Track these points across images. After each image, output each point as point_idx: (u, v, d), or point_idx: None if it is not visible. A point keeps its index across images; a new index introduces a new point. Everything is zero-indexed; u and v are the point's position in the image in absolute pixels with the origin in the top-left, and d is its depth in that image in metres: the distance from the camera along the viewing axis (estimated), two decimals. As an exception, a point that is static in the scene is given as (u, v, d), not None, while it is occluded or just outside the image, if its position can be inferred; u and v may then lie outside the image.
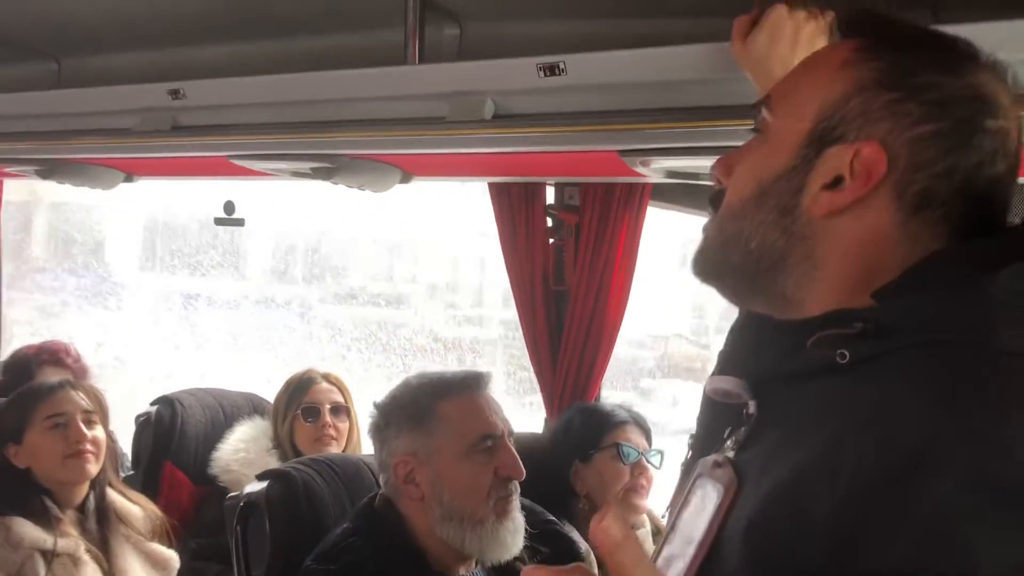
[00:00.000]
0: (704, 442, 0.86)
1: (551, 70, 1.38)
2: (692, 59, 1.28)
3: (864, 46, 0.78)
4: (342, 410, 2.40)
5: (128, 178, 2.45)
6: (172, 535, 2.15)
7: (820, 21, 1.16)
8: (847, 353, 0.70)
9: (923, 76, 0.75)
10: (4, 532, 1.86)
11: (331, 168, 1.85)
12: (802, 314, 0.77)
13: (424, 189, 2.47)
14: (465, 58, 1.76)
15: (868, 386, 0.69)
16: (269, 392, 2.55)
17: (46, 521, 1.92)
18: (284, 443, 2.37)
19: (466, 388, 1.61)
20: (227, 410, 2.54)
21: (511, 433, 1.63)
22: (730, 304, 0.88)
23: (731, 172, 0.85)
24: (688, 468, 0.86)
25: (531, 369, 2.36)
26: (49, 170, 2.28)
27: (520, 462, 1.57)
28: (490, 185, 2.28)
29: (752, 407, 0.78)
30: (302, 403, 2.38)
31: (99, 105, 1.94)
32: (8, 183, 3.29)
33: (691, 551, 0.76)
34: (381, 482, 1.61)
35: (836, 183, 0.75)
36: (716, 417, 0.85)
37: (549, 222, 2.27)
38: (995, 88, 0.76)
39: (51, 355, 2.71)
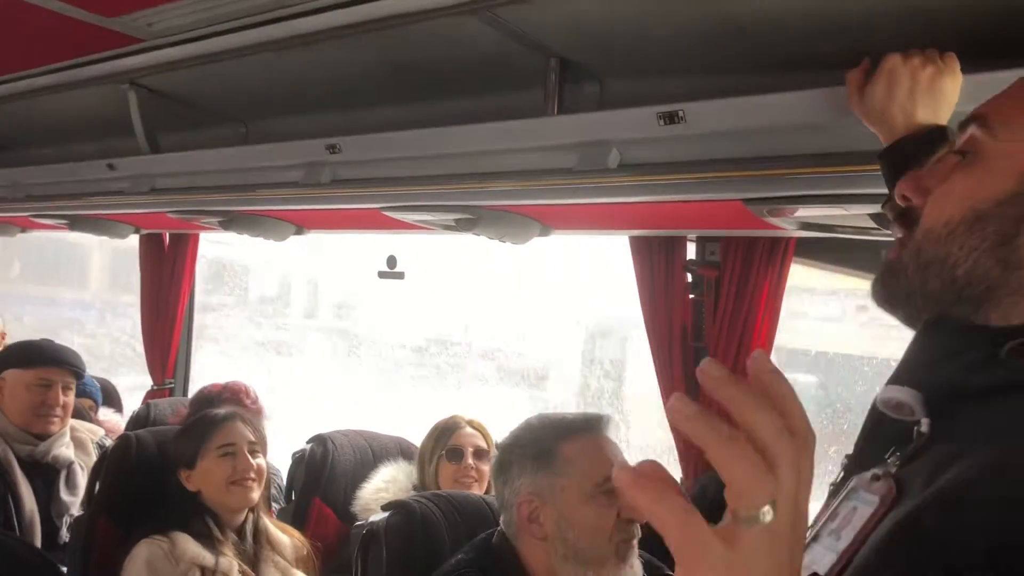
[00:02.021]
0: (860, 460, 0.80)
1: (670, 118, 1.42)
2: (808, 104, 1.28)
3: None
4: (484, 454, 2.48)
5: (299, 230, 2.67)
6: (316, 566, 2.27)
7: (939, 64, 1.14)
8: None
9: None
10: (170, 546, 2.04)
11: (472, 219, 1.95)
12: None
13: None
14: (604, 115, 1.83)
15: None
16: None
17: (208, 540, 2.08)
18: (430, 484, 2.47)
19: (588, 429, 1.63)
20: (376, 451, 2.67)
21: None
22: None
23: (926, 193, 0.79)
24: (837, 488, 0.81)
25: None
26: (229, 221, 2.52)
27: None
28: (631, 239, 2.31)
29: (925, 426, 0.72)
30: (447, 446, 2.47)
31: (265, 160, 2.14)
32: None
33: (831, 559, 0.71)
34: (502, 521, 1.65)
35: None
36: (878, 436, 0.79)
37: (689, 277, 2.27)
38: None
39: (233, 394, 2.94)
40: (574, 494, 1.56)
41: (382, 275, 2.97)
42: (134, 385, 3.95)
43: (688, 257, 2.28)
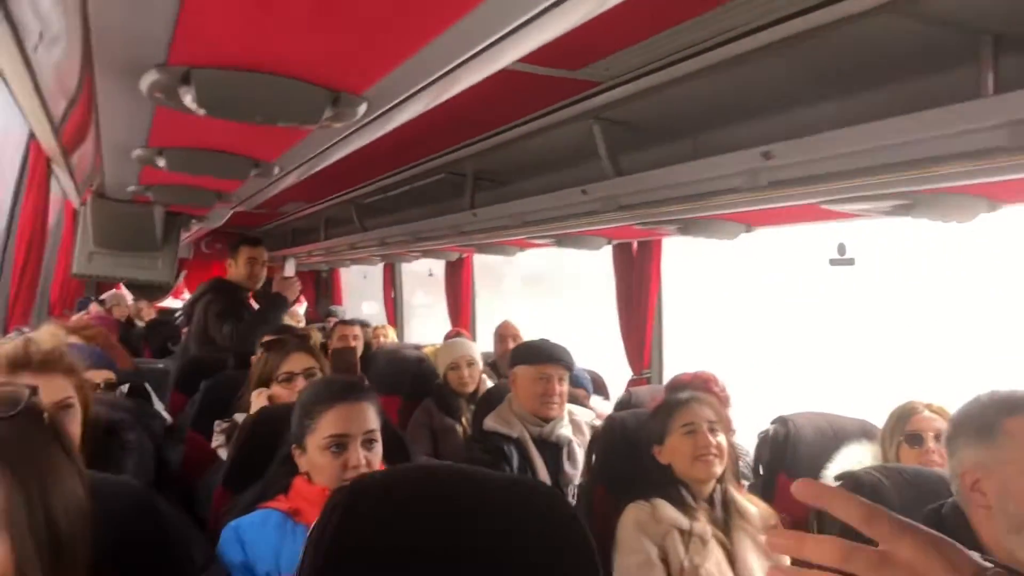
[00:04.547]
0: None
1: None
2: None
3: None
4: None
5: (748, 228, 2.88)
6: (784, 537, 2.46)
7: None
8: None
9: None
10: (652, 510, 2.39)
11: (907, 204, 2.00)
12: None
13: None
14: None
15: None
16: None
17: (683, 506, 2.40)
18: None
19: None
20: (836, 433, 2.77)
21: None
22: None
23: None
24: None
25: None
26: (686, 227, 2.83)
27: None
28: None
29: None
30: (905, 431, 2.50)
31: (710, 171, 2.39)
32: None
33: None
34: (952, 490, 1.70)
35: None
36: None
37: None
38: None
39: (703, 382, 3.25)
40: (1015, 468, 1.56)
41: (833, 263, 3.05)
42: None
43: None
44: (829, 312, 4.54)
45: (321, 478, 1.94)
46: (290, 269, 7.56)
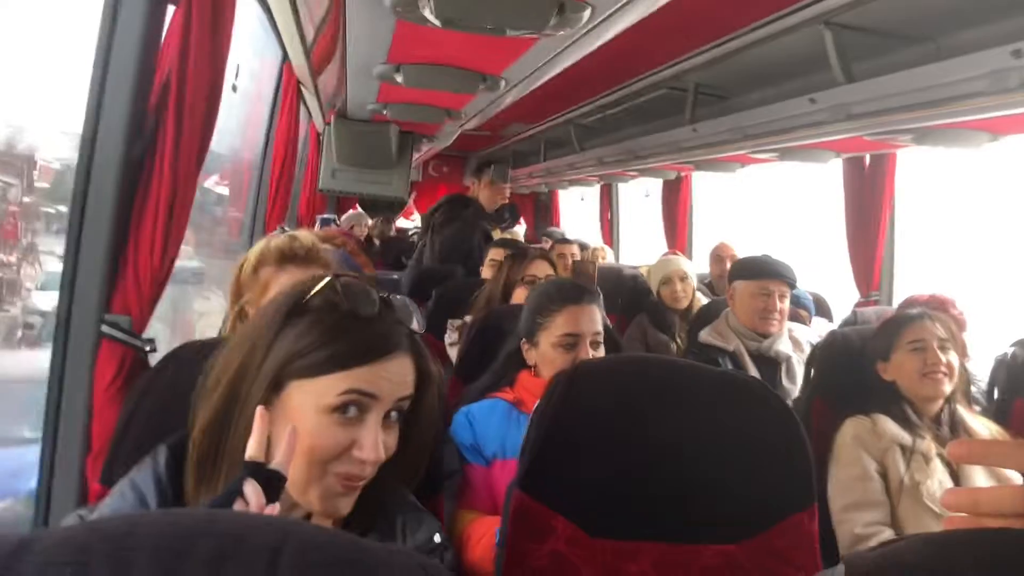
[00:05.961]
0: None
1: None
2: None
3: None
4: None
5: (992, 137, 2.67)
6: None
7: None
8: None
9: None
10: (871, 424, 2.35)
11: None
12: None
13: None
14: None
15: None
16: None
17: (905, 423, 2.33)
18: None
19: None
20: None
21: None
22: None
23: None
24: None
25: None
26: (923, 136, 2.67)
27: None
28: None
29: None
30: None
31: (950, 75, 2.23)
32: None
33: None
34: None
35: None
36: None
37: None
38: None
39: (939, 304, 3.09)
40: None
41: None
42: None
43: None
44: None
45: (549, 372, 2.07)
46: None
